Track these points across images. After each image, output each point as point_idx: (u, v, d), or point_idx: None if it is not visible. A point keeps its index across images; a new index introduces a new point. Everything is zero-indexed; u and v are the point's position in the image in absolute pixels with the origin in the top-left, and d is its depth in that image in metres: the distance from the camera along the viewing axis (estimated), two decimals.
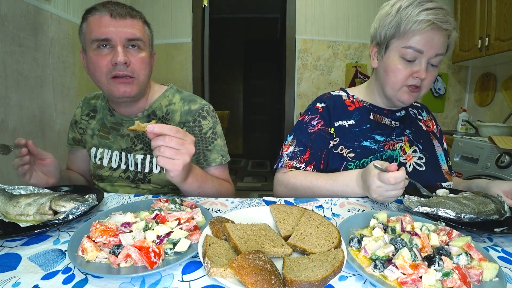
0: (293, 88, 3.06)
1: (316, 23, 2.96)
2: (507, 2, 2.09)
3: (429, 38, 0.80)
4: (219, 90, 5.41)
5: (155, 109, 0.97)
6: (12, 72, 1.61)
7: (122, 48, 0.83)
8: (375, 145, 0.94)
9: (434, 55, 0.82)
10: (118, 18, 0.83)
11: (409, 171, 0.93)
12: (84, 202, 0.65)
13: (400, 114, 1.00)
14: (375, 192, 0.70)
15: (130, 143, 0.98)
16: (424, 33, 0.80)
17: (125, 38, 0.83)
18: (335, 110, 0.98)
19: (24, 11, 1.68)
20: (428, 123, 1.07)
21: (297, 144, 0.96)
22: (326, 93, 1.06)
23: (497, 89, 2.65)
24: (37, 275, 0.45)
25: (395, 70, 0.86)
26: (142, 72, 0.88)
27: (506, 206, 0.66)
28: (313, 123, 0.97)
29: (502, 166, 1.77)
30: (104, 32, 0.81)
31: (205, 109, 0.99)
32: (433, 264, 0.43)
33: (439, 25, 0.79)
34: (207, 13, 3.09)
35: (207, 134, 0.98)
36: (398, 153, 0.95)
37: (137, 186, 0.98)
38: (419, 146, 0.98)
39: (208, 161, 0.98)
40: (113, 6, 0.83)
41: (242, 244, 0.48)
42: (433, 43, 0.80)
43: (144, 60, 0.87)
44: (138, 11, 0.89)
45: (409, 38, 0.82)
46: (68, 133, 1.10)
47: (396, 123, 0.98)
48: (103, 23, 0.82)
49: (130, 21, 0.84)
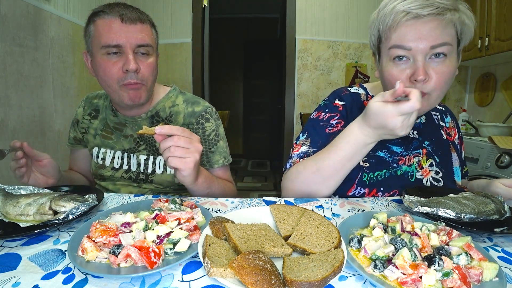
0: (293, 88, 3.06)
1: (316, 23, 2.96)
2: (507, 2, 2.09)
3: (414, 30, 0.68)
4: (219, 90, 5.41)
5: (158, 110, 0.97)
6: (12, 72, 1.61)
7: (132, 54, 0.82)
8: (390, 157, 0.85)
9: (430, 48, 0.69)
10: (129, 23, 0.81)
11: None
12: (84, 202, 0.65)
13: (420, 121, 0.89)
14: (402, 129, 0.61)
15: (133, 143, 0.98)
16: (403, 27, 0.69)
17: (135, 44, 0.82)
18: (352, 111, 0.87)
19: (24, 11, 1.68)
20: (450, 131, 0.95)
21: (311, 144, 0.85)
22: (344, 88, 0.94)
23: (497, 89, 2.65)
24: (37, 275, 0.45)
25: (390, 76, 0.75)
26: (150, 78, 0.88)
27: (506, 206, 0.66)
28: (332, 122, 0.86)
29: (502, 166, 1.77)
30: (115, 38, 0.80)
31: (208, 111, 0.99)
32: (433, 264, 0.43)
33: (416, 13, 0.67)
34: (207, 13, 3.10)
35: (210, 136, 0.98)
36: (414, 168, 0.85)
37: (139, 186, 0.98)
38: (436, 159, 0.88)
39: (211, 162, 0.99)
40: (123, 10, 0.81)
41: (242, 244, 0.48)
42: (421, 34, 0.68)
43: (152, 65, 0.87)
44: (146, 14, 0.88)
45: (390, 37, 0.72)
46: (69, 132, 1.10)
47: (414, 134, 0.88)
48: (113, 29, 0.80)
49: (140, 26, 0.83)
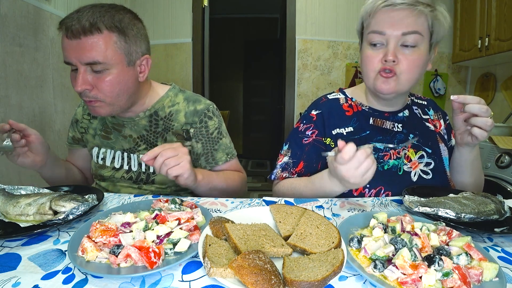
0: (293, 88, 3.06)
1: (316, 23, 2.96)
2: (507, 2, 2.08)
3: (388, 17, 0.77)
4: (219, 90, 5.41)
5: (157, 109, 0.96)
6: (12, 72, 1.61)
7: (84, 72, 0.75)
8: (375, 154, 0.87)
9: (401, 34, 0.76)
10: (73, 39, 0.73)
11: (414, 181, 0.87)
12: (84, 202, 0.65)
13: (402, 114, 0.93)
14: (350, 178, 0.63)
15: (133, 143, 0.97)
16: (381, 13, 0.78)
17: (83, 62, 0.74)
18: (331, 117, 0.92)
19: (24, 11, 1.68)
20: (436, 123, 0.98)
21: (291, 155, 0.92)
22: (323, 96, 1.00)
23: (497, 89, 2.65)
24: (37, 275, 0.45)
25: (366, 58, 0.82)
26: (110, 95, 0.80)
27: (506, 206, 0.66)
28: (308, 133, 0.92)
29: (502, 166, 1.77)
30: (66, 55, 0.75)
31: (210, 109, 0.99)
32: (433, 264, 0.43)
33: (391, 2, 0.75)
34: (207, 13, 3.10)
35: (213, 134, 0.98)
36: (402, 162, 0.88)
37: (139, 187, 0.98)
38: (427, 150, 0.91)
39: (216, 160, 0.99)
40: (71, 21, 0.72)
41: (242, 244, 0.48)
42: (394, 21, 0.76)
43: (111, 82, 0.78)
44: (103, 18, 0.74)
45: (370, 23, 0.80)
46: (69, 132, 1.09)
47: (399, 127, 0.91)
48: (63, 44, 0.75)
49: (85, 41, 0.73)
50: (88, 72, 0.76)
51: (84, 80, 0.75)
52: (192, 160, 0.88)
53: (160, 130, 0.95)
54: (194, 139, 0.96)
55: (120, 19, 0.77)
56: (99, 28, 0.73)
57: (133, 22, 0.81)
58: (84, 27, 0.72)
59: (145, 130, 0.96)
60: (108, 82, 0.78)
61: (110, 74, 0.77)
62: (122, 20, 0.77)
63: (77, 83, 0.75)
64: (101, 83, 0.77)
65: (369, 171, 0.63)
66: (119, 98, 0.82)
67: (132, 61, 0.81)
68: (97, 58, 0.74)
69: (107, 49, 0.75)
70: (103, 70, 0.76)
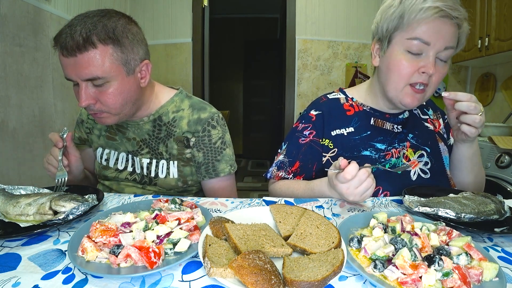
0: (293, 88, 3.06)
1: (316, 23, 2.96)
2: (507, 2, 2.08)
3: (437, 27, 0.72)
4: (219, 90, 5.41)
5: (161, 114, 0.94)
6: (12, 72, 1.61)
7: (85, 88, 0.75)
8: (376, 154, 0.87)
9: (443, 48, 0.73)
10: (69, 57, 0.72)
11: (413, 179, 0.87)
12: (84, 202, 0.65)
13: (403, 116, 0.93)
14: (349, 196, 0.66)
15: (136, 146, 0.97)
16: (431, 21, 0.72)
17: (83, 78, 0.74)
18: (331, 117, 0.91)
19: (24, 11, 1.68)
20: (435, 122, 0.97)
21: (287, 154, 0.92)
22: (323, 96, 0.99)
23: (497, 89, 2.65)
24: (37, 275, 0.45)
25: (399, 65, 0.77)
26: (114, 107, 0.80)
27: (506, 206, 0.66)
28: (305, 133, 0.92)
29: (502, 166, 1.77)
30: (66, 72, 0.75)
31: (215, 118, 0.95)
32: (433, 264, 0.43)
33: (448, 12, 0.70)
34: (207, 13, 3.10)
35: (216, 144, 0.95)
36: (400, 162, 0.88)
37: (143, 187, 0.98)
38: (427, 149, 0.91)
39: (217, 171, 0.96)
40: (64, 38, 0.71)
41: (242, 244, 0.48)
42: (442, 33, 0.72)
43: (114, 94, 0.78)
44: (96, 30, 0.72)
45: (414, 28, 0.74)
46: (74, 132, 1.08)
47: (398, 128, 0.91)
48: (61, 61, 0.74)
49: (81, 58, 0.71)
50: (90, 86, 0.76)
51: (87, 96, 0.76)
52: (193, 168, 0.87)
53: (162, 136, 0.94)
54: (195, 148, 0.94)
55: (114, 27, 0.74)
56: (93, 43, 0.71)
57: (127, 28, 0.78)
58: (78, 44, 0.70)
59: (147, 135, 0.95)
60: (111, 94, 0.78)
61: (111, 87, 0.77)
62: (116, 29, 0.75)
63: (80, 99, 0.76)
64: (104, 97, 0.78)
65: (369, 190, 0.66)
66: (124, 107, 0.83)
67: (131, 69, 0.80)
68: (96, 73, 0.73)
69: (105, 63, 0.74)
70: (104, 84, 0.76)
